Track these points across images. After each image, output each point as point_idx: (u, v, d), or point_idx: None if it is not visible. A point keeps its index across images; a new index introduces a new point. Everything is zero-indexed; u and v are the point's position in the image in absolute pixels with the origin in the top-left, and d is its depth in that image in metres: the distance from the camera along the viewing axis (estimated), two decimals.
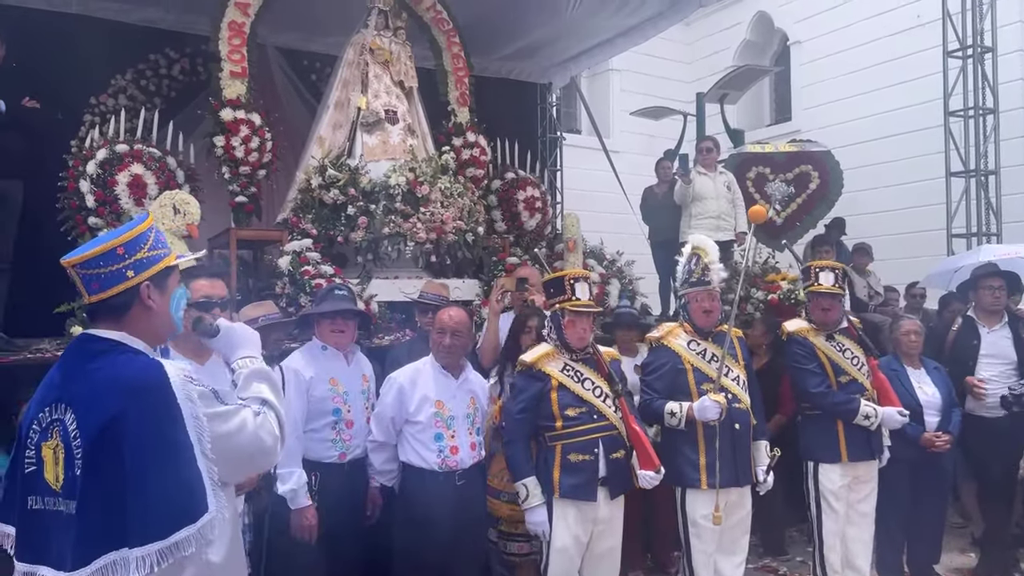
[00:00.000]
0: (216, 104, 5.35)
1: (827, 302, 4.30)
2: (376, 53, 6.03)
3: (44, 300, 4.41)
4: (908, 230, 9.18)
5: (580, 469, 3.47)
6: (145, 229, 1.91)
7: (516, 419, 3.55)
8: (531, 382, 3.57)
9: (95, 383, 1.75)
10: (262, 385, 2.03)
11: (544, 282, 3.88)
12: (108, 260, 1.84)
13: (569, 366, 3.59)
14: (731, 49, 12.55)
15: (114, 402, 1.70)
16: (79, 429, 1.70)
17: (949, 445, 4.59)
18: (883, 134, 10.02)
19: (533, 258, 6.15)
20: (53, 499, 1.72)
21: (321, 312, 3.83)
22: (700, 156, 6.99)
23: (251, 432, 1.88)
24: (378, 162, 5.67)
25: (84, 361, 1.81)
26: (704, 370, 3.82)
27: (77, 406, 1.73)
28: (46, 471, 1.73)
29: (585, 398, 3.54)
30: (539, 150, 9.40)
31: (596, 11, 8.02)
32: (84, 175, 4.80)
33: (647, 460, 3.51)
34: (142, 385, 1.74)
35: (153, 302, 1.89)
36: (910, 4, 9.72)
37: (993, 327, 5.09)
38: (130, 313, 1.87)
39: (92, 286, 1.85)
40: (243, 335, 2.15)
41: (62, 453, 1.71)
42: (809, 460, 4.27)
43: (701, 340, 3.90)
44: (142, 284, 1.87)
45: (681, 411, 3.72)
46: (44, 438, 1.75)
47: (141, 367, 1.79)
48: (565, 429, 3.51)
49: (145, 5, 7.03)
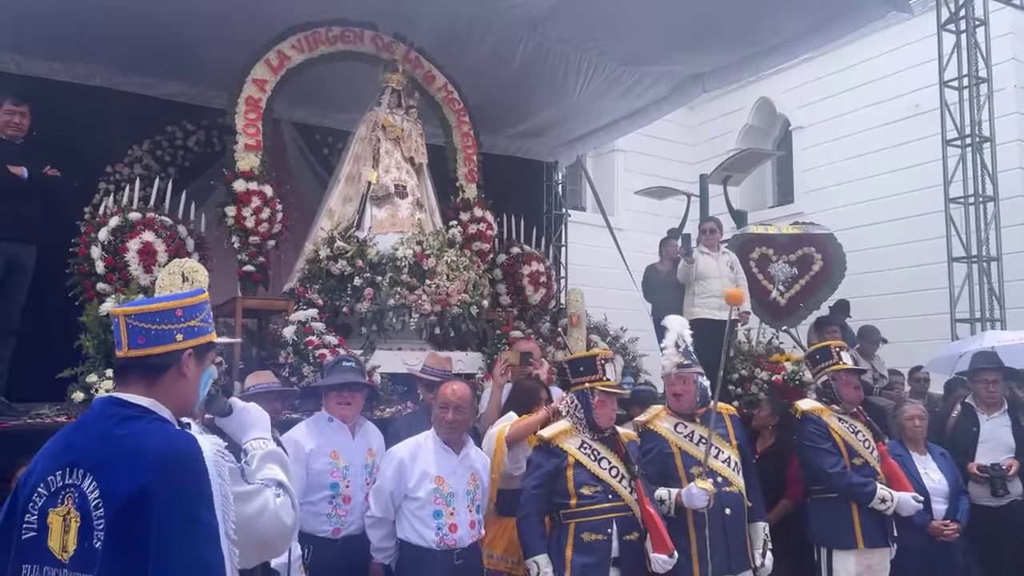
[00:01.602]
0: (229, 175, 5.47)
1: (856, 380, 4.32)
2: (388, 130, 6.20)
3: (46, 365, 4.42)
4: (912, 314, 9.19)
5: (593, 549, 3.41)
6: (203, 300, 1.91)
7: (531, 494, 3.50)
8: (548, 458, 3.54)
9: (123, 450, 1.67)
10: (275, 467, 1.98)
11: (571, 360, 3.85)
12: (164, 318, 1.82)
13: (587, 444, 3.57)
14: (734, 132, 12.83)
15: (144, 473, 1.62)
16: (102, 498, 1.61)
17: (958, 534, 4.49)
18: (885, 218, 10.13)
19: (550, 337, 6.17)
20: (56, 570, 1.63)
21: (329, 384, 3.81)
22: (703, 236, 7.07)
23: (272, 513, 1.82)
24: (386, 235, 5.76)
25: (110, 426, 1.72)
26: (692, 453, 3.77)
27: (100, 473, 1.64)
28: (50, 539, 1.64)
29: (601, 477, 3.50)
30: (544, 226, 9.54)
31: (602, 94, 8.27)
32: (96, 241, 4.87)
33: (661, 544, 3.43)
34: (175, 458, 1.66)
35: (189, 371, 1.86)
36: (909, 93, 9.97)
37: (992, 415, 5.08)
38: (165, 376, 1.82)
39: (138, 339, 1.80)
40: (256, 416, 2.11)
41: (76, 522, 1.62)
42: (822, 547, 4.17)
43: (688, 422, 3.85)
44: (186, 351, 1.85)
45: (670, 498, 3.67)
46: (52, 504, 1.66)
47: (174, 437, 1.72)
48: (580, 507, 3.46)
49: (167, 80, 7.28)
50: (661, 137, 12.65)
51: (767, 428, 5.37)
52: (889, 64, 10.50)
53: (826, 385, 4.39)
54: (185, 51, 6.67)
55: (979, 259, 7.08)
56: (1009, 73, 9.25)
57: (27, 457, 3.56)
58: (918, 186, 9.40)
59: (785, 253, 7.53)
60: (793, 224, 8.20)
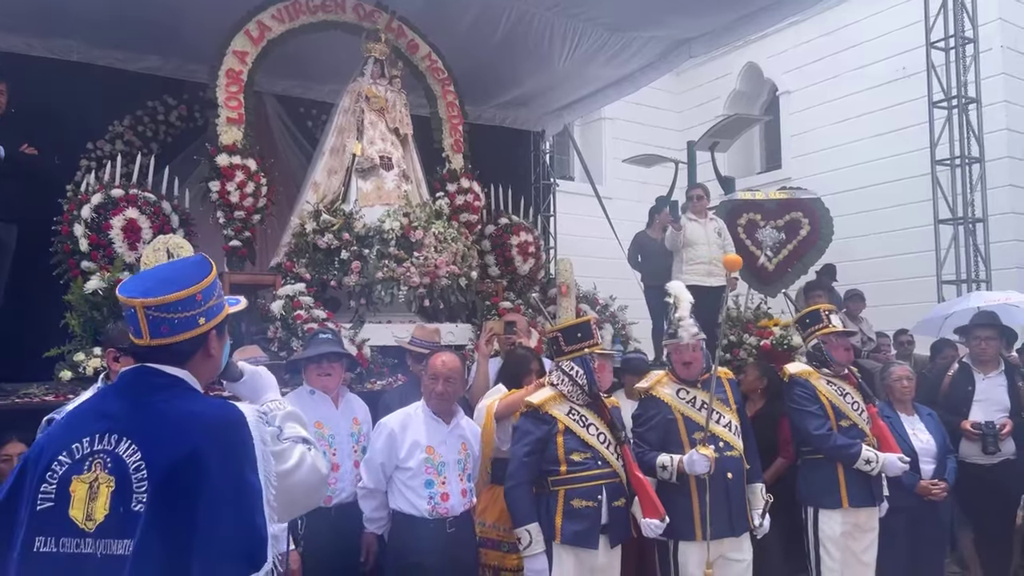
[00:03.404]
0: (212, 149, 5.41)
1: (847, 342, 4.36)
2: (372, 101, 6.13)
3: (32, 344, 4.39)
4: (898, 277, 9.25)
5: (583, 515, 3.42)
6: (216, 276, 1.85)
7: (523, 461, 3.47)
8: (538, 425, 3.51)
9: (165, 415, 1.66)
10: (297, 426, 1.96)
11: (567, 327, 3.79)
12: (186, 306, 1.75)
13: (575, 410, 3.55)
14: (721, 98, 12.78)
15: (192, 437, 1.62)
16: (144, 462, 1.59)
17: (945, 493, 4.56)
18: (871, 182, 10.16)
19: (528, 304, 6.17)
20: (77, 540, 1.58)
21: (307, 356, 3.82)
22: (691, 203, 7.06)
23: (310, 465, 1.83)
24: (372, 207, 5.72)
25: (146, 393, 1.71)
26: (694, 419, 3.79)
27: (141, 438, 1.62)
28: (72, 508, 1.59)
29: (590, 443, 3.50)
30: (533, 196, 9.50)
31: (588, 62, 8.19)
32: (79, 219, 4.82)
33: (652, 508, 3.45)
34: (223, 422, 1.67)
35: (215, 350, 1.84)
36: (895, 56, 9.94)
37: (988, 374, 5.13)
38: (192, 360, 1.80)
39: (161, 329, 1.74)
40: (267, 379, 2.11)
41: (108, 487, 1.59)
42: (809, 506, 4.23)
43: (689, 388, 3.88)
44: (210, 332, 1.82)
45: (672, 464, 3.69)
46: (77, 471, 1.61)
47: (219, 405, 1.74)
48: (570, 474, 3.46)
49: (146, 54, 7.16)
50: (648, 104, 12.59)
51: (755, 392, 5.41)
52: (876, 27, 10.46)
53: (816, 348, 4.43)
54: (164, 24, 6.54)
55: (965, 221, 7.12)
56: (995, 33, 9.23)
57: (15, 434, 3.57)
58: (904, 149, 9.42)
59: (773, 218, 7.54)
60: (780, 189, 8.21)
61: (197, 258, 1.92)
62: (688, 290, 3.94)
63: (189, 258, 1.97)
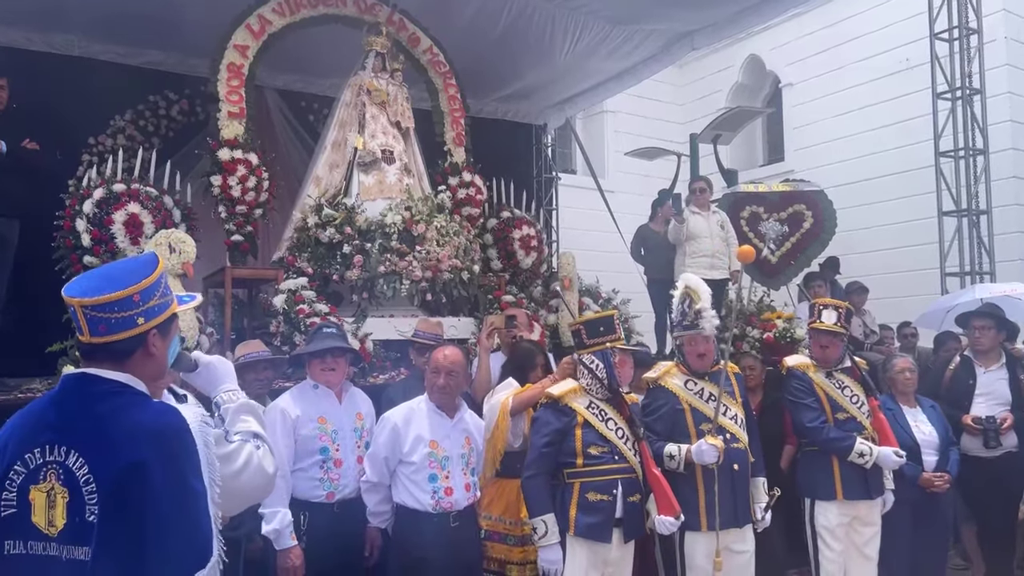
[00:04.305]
0: (214, 144, 5.40)
1: (826, 339, 4.31)
2: (373, 94, 6.11)
3: (35, 339, 4.39)
4: (901, 269, 9.23)
5: (598, 509, 3.42)
6: (158, 276, 1.88)
7: (541, 452, 3.47)
8: (557, 416, 3.52)
9: (109, 426, 1.70)
10: (249, 419, 2.03)
11: (589, 320, 3.79)
12: (122, 306, 1.79)
13: (595, 404, 3.56)
14: (723, 91, 12.73)
15: (135, 447, 1.66)
16: (92, 474, 1.64)
17: (948, 485, 4.55)
18: (875, 174, 10.12)
19: (541, 301, 6.18)
20: (43, 543, 1.65)
21: (310, 351, 3.81)
22: (693, 196, 7.04)
23: (256, 466, 1.92)
24: (374, 201, 5.70)
25: (88, 403, 1.74)
26: (702, 410, 3.79)
27: (86, 449, 1.67)
28: (34, 515, 1.66)
29: (608, 438, 3.50)
30: (535, 190, 9.49)
31: (590, 55, 8.17)
32: (81, 214, 4.81)
33: (667, 506, 3.45)
34: (163, 431, 1.71)
35: (156, 349, 1.86)
36: (899, 48, 9.89)
37: (990, 367, 5.11)
38: (132, 358, 1.82)
39: (99, 328, 1.78)
40: (222, 369, 2.14)
41: (63, 498, 1.65)
42: (806, 497, 4.26)
43: (698, 380, 3.88)
44: (150, 332, 1.84)
45: (680, 454, 3.69)
46: (33, 480, 1.68)
47: (160, 412, 1.76)
48: (586, 467, 3.47)
49: (147, 48, 7.15)
50: (650, 97, 12.55)
51: (757, 385, 5.40)
52: (879, 18, 10.41)
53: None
54: (164, 18, 6.53)
55: (969, 213, 7.09)
56: (1000, 24, 9.18)
57: None
58: (908, 141, 9.38)
59: (776, 211, 7.52)
60: (783, 182, 8.19)
61: (147, 256, 1.94)
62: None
63: (140, 256, 2.00)
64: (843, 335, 4.34)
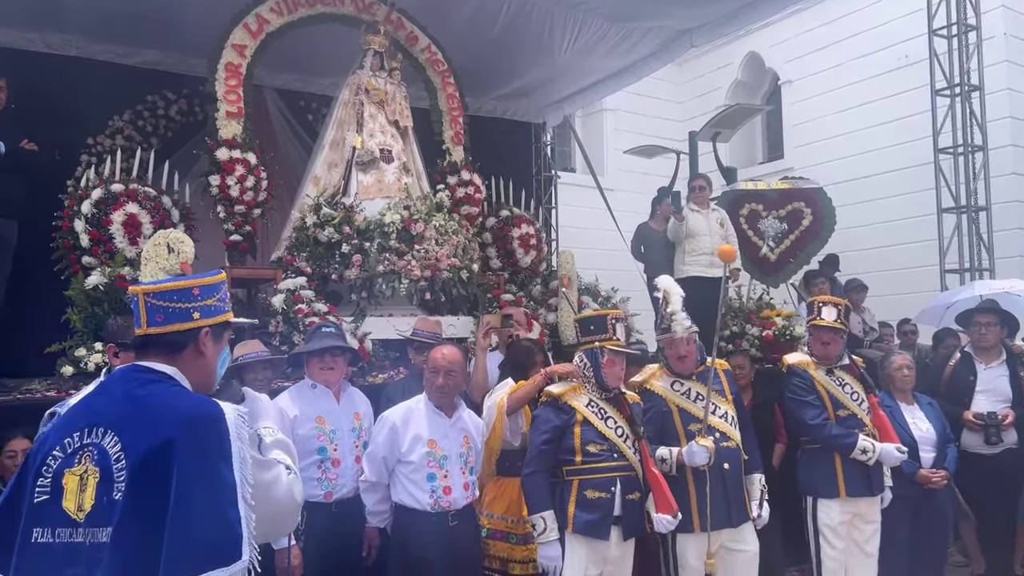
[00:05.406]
0: (212, 144, 5.40)
1: (827, 336, 4.32)
2: (371, 93, 6.10)
3: (34, 340, 4.39)
4: (901, 266, 9.23)
5: (596, 506, 3.44)
6: (221, 280, 1.96)
7: (540, 450, 3.49)
8: (557, 414, 3.54)
9: (146, 408, 1.73)
10: (283, 454, 2.01)
11: (582, 319, 3.82)
12: (182, 297, 1.87)
13: (594, 402, 3.57)
14: (723, 88, 12.71)
15: (167, 428, 1.66)
16: (124, 451, 1.66)
17: (945, 482, 4.55)
18: (874, 171, 10.12)
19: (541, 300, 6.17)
20: (69, 530, 1.65)
21: (309, 351, 3.81)
22: (692, 194, 7.04)
23: (286, 486, 1.86)
24: (373, 200, 5.70)
25: (132, 388, 1.78)
26: (690, 410, 3.80)
27: (122, 428, 1.69)
28: (65, 499, 1.66)
29: (607, 436, 3.51)
30: (534, 188, 9.48)
31: (589, 53, 8.16)
32: (79, 214, 4.82)
33: (665, 504, 3.47)
34: (197, 416, 1.72)
35: (207, 349, 1.90)
36: (897, 44, 9.88)
37: (990, 364, 5.11)
38: (183, 353, 1.87)
39: (156, 317, 1.85)
40: (266, 406, 2.20)
41: (94, 478, 1.66)
42: (808, 495, 4.25)
43: (684, 380, 3.88)
44: (203, 330, 1.89)
45: (671, 457, 3.71)
46: (69, 464, 1.69)
47: (198, 400, 1.78)
48: (585, 464, 3.48)
49: (145, 48, 7.14)
50: (649, 95, 12.54)
51: (746, 383, 5.38)
52: (877, 15, 10.40)
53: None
54: (162, 18, 6.52)
55: (968, 209, 7.09)
56: (998, 20, 9.17)
57: (20, 430, 3.59)
58: (907, 138, 9.37)
59: (775, 208, 7.50)
60: (783, 179, 8.17)
61: (216, 269, 2.04)
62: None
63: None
64: (844, 331, 4.34)
